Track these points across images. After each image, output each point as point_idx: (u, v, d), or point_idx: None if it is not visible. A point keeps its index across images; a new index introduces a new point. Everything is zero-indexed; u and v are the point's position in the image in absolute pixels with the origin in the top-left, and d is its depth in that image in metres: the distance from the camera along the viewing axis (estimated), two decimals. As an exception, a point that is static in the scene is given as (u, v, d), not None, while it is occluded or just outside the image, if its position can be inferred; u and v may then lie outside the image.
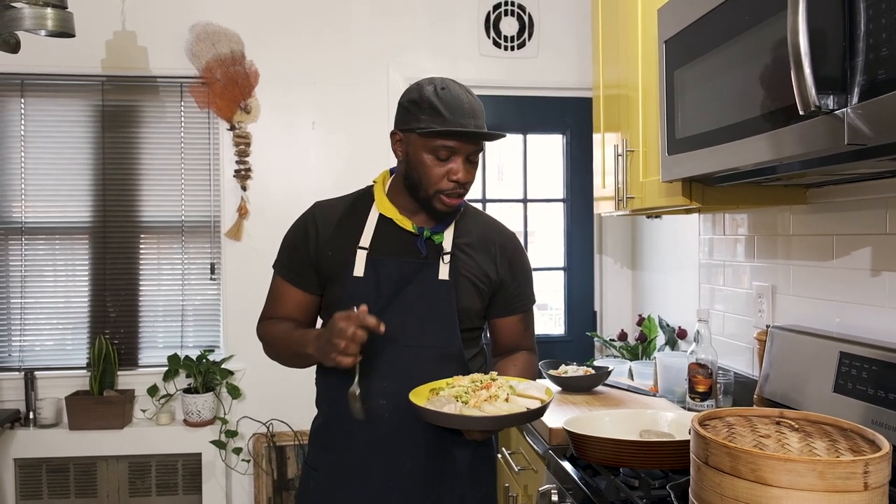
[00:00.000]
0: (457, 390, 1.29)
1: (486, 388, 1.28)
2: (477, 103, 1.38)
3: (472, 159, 1.39)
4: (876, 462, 0.91)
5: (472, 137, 1.35)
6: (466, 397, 1.26)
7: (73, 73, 2.85)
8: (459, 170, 1.36)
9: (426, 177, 1.37)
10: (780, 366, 1.76)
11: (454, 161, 1.36)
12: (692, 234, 2.49)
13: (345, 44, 3.00)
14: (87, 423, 2.75)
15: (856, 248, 1.66)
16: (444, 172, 1.36)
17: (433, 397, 1.30)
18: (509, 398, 1.28)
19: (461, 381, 1.33)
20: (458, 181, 1.37)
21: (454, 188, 1.37)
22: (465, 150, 1.36)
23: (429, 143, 1.35)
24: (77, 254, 2.92)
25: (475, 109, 1.37)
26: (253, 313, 1.59)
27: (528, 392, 1.32)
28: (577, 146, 3.15)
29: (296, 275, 1.48)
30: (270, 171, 2.96)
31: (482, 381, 1.32)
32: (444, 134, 1.33)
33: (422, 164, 1.37)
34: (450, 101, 1.34)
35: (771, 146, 1.19)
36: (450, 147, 1.35)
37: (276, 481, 2.92)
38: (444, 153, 1.35)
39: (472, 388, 1.29)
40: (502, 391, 1.28)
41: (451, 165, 1.36)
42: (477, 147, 1.38)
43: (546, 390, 1.34)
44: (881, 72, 0.93)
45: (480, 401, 1.25)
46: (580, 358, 2.83)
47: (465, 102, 1.36)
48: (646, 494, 1.36)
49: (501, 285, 1.51)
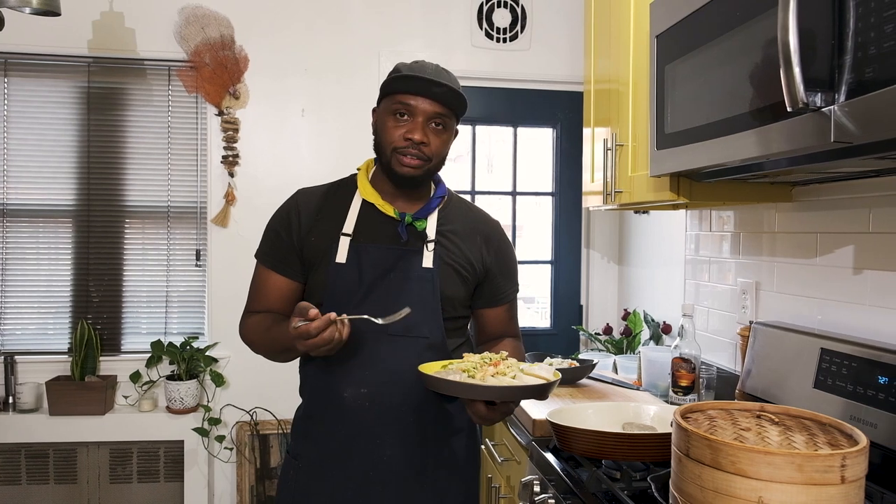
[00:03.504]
0: (466, 364, 1.29)
1: (495, 366, 1.29)
2: (445, 72, 1.40)
3: (435, 125, 1.38)
4: (853, 456, 0.92)
5: (426, 90, 1.35)
6: (474, 372, 1.26)
7: (58, 53, 2.81)
8: (416, 129, 1.36)
9: (385, 137, 1.39)
10: (763, 361, 1.78)
11: (412, 121, 1.37)
12: (679, 230, 2.51)
13: (337, 32, 2.98)
14: (67, 408, 2.72)
15: (839, 247, 1.68)
16: (401, 132, 1.37)
17: (441, 371, 1.30)
18: (517, 377, 1.28)
19: (472, 358, 1.33)
20: (413, 139, 1.36)
21: (408, 146, 1.37)
22: (423, 109, 1.36)
23: (389, 105, 1.38)
24: (60, 237, 2.89)
25: (439, 72, 1.39)
26: (238, 301, 1.58)
27: (536, 372, 1.32)
28: (567, 140, 3.16)
29: (279, 262, 1.47)
30: (259, 157, 2.94)
31: (492, 359, 1.32)
32: (399, 90, 1.35)
33: (383, 127, 1.40)
34: (414, 66, 1.39)
35: (759, 142, 1.20)
36: (405, 104, 1.36)
37: (259, 470, 2.92)
38: (402, 110, 1.36)
39: (481, 363, 1.29)
40: (511, 370, 1.28)
41: (408, 125, 1.37)
42: (435, 109, 1.37)
43: (554, 372, 1.33)
44: (868, 70, 0.94)
45: (486, 375, 1.25)
46: (565, 351, 2.84)
47: (430, 66, 1.39)
48: (627, 486, 1.37)
49: (487, 275, 1.50)
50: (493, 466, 2.12)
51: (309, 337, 1.19)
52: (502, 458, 2.02)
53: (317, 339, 1.20)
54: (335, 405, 1.41)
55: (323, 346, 1.21)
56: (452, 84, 1.38)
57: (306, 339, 1.20)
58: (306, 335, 1.19)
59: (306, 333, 1.19)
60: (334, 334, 1.21)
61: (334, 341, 1.21)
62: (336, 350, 1.25)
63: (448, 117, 1.39)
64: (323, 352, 1.23)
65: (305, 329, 1.19)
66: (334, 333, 1.21)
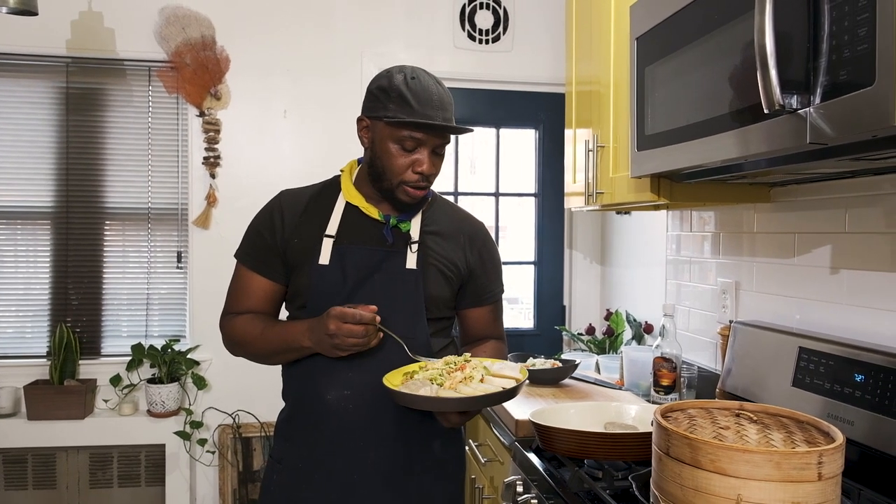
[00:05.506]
0: (431, 373, 1.28)
1: (461, 370, 1.28)
2: (446, 95, 1.37)
3: (439, 151, 1.38)
4: (829, 453, 0.93)
5: (439, 130, 1.34)
6: (441, 379, 1.26)
7: (36, 52, 2.77)
8: (425, 161, 1.35)
9: (391, 167, 1.36)
10: (742, 360, 1.80)
11: (420, 152, 1.35)
12: (660, 231, 2.53)
13: (319, 33, 2.97)
14: (46, 413, 2.69)
15: (816, 247, 1.70)
16: (409, 163, 1.35)
17: (407, 381, 1.29)
18: (484, 379, 1.28)
19: (434, 364, 1.32)
20: (423, 173, 1.35)
21: (418, 180, 1.36)
22: (432, 142, 1.35)
23: (395, 133, 1.34)
24: (38, 239, 2.85)
25: (444, 101, 1.35)
26: (220, 302, 1.56)
27: (502, 372, 1.32)
28: (550, 141, 3.17)
29: (261, 263, 1.46)
30: (241, 159, 2.92)
31: (456, 363, 1.31)
32: (411, 125, 1.32)
33: (387, 154, 1.36)
34: (419, 92, 1.33)
35: (737, 144, 1.21)
36: (416, 138, 1.33)
37: (241, 473, 2.89)
38: (411, 144, 1.34)
39: (446, 370, 1.29)
40: (477, 372, 1.28)
41: (416, 157, 1.35)
42: (444, 140, 1.37)
43: (521, 369, 1.34)
44: (842, 73, 0.95)
45: (456, 382, 1.25)
46: (548, 351, 2.86)
47: (435, 94, 1.34)
48: (609, 485, 1.38)
49: (471, 276, 1.51)
50: (477, 467, 2.13)
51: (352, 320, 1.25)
52: (486, 458, 2.02)
53: (354, 328, 1.25)
54: (318, 408, 1.41)
55: (352, 338, 1.26)
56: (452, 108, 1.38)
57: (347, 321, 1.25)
58: (351, 318, 1.25)
59: (352, 316, 1.25)
60: (369, 334, 1.27)
61: (364, 340, 1.27)
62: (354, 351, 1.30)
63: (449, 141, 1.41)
64: (347, 344, 1.27)
65: (353, 312, 1.25)
66: (369, 333, 1.27)
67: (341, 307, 1.27)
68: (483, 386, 1.26)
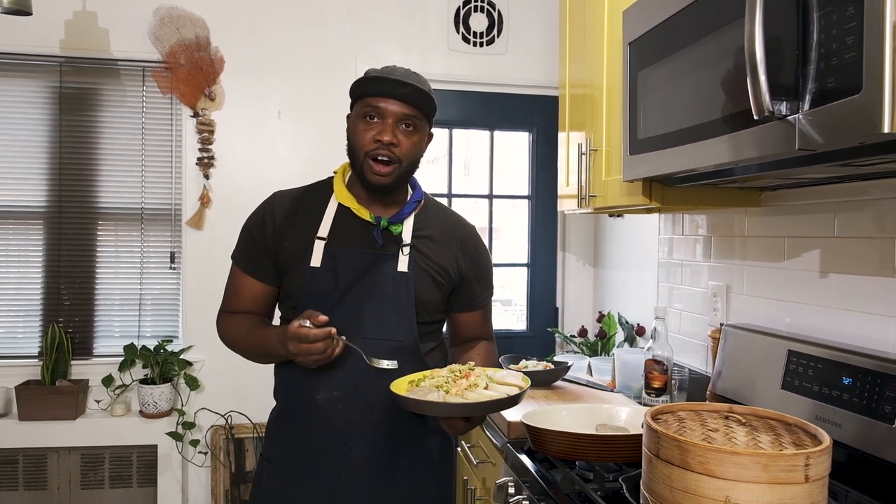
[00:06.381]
0: (437, 380, 1.31)
1: (466, 378, 1.31)
2: (415, 75, 1.41)
3: (405, 126, 1.39)
4: (816, 455, 0.95)
5: (393, 91, 1.36)
6: (447, 387, 1.28)
7: (29, 52, 2.76)
8: (386, 130, 1.37)
9: (356, 140, 1.40)
10: (732, 363, 1.81)
11: (382, 124, 1.38)
12: (652, 234, 2.54)
13: (314, 34, 2.97)
14: (37, 413, 2.68)
15: (806, 251, 1.72)
16: (371, 135, 1.38)
17: (413, 388, 1.31)
18: (489, 386, 1.31)
19: (440, 372, 1.35)
20: (382, 141, 1.37)
21: (378, 148, 1.37)
22: (393, 111, 1.37)
23: (360, 110, 1.39)
24: (31, 239, 2.84)
25: (408, 74, 1.40)
26: (213, 303, 1.57)
27: (505, 380, 1.36)
28: (543, 144, 3.19)
29: (253, 265, 1.47)
30: (235, 159, 2.92)
31: (461, 370, 1.35)
32: (368, 93, 1.37)
33: (354, 131, 1.41)
34: (383, 70, 1.40)
35: (727, 149, 1.22)
36: (374, 106, 1.37)
37: (233, 474, 2.89)
38: (371, 112, 1.37)
39: (451, 377, 1.32)
40: (481, 380, 1.31)
41: (378, 127, 1.38)
42: (404, 110, 1.37)
43: (522, 377, 1.38)
44: (831, 80, 0.96)
45: (461, 389, 1.28)
46: (541, 353, 2.86)
47: (399, 69, 1.40)
48: (600, 487, 1.39)
49: (463, 281, 1.51)
50: (469, 469, 2.13)
51: (306, 341, 1.25)
52: (478, 460, 2.03)
53: (312, 346, 1.25)
54: (308, 407, 1.42)
55: (313, 355, 1.27)
56: (421, 85, 1.39)
57: (302, 341, 1.25)
58: (305, 338, 1.25)
59: (306, 336, 1.25)
60: (328, 347, 1.27)
61: (325, 354, 1.28)
62: (320, 364, 1.30)
63: (418, 119, 1.40)
64: (310, 361, 1.28)
65: (307, 332, 1.25)
66: (328, 346, 1.27)
67: (297, 326, 1.26)
68: (488, 392, 1.29)
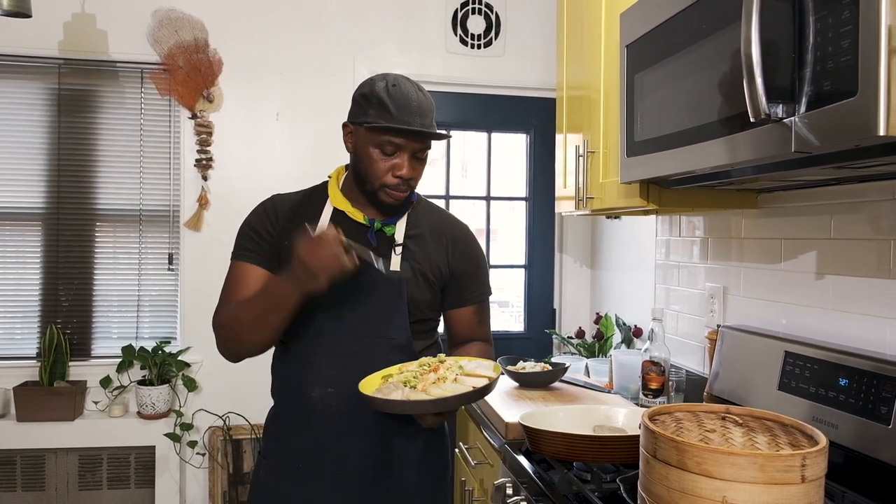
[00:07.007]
0: (405, 375, 1.30)
1: (435, 371, 1.29)
2: (426, 101, 1.40)
3: (419, 156, 1.41)
4: (813, 456, 0.95)
5: (416, 136, 1.37)
6: (415, 382, 1.27)
7: (28, 54, 2.76)
8: (404, 166, 1.38)
9: (371, 170, 1.39)
10: (729, 364, 1.82)
11: (399, 157, 1.38)
12: (650, 235, 2.55)
13: (312, 36, 2.98)
14: (35, 414, 2.68)
15: (802, 252, 1.73)
16: (389, 167, 1.38)
17: (383, 384, 1.30)
18: (458, 379, 1.29)
19: (410, 367, 1.34)
20: (402, 177, 1.38)
21: (398, 184, 1.39)
22: (411, 147, 1.38)
23: (375, 138, 1.37)
24: (29, 240, 2.84)
25: (423, 108, 1.38)
26: (211, 305, 1.56)
27: (476, 371, 1.34)
28: (541, 145, 3.19)
29: (257, 254, 1.46)
30: (233, 161, 2.92)
31: (430, 364, 1.33)
32: (388, 130, 1.35)
33: (368, 158, 1.39)
34: (398, 98, 1.36)
35: (724, 151, 1.23)
36: (395, 143, 1.37)
37: (231, 475, 2.89)
38: (390, 148, 1.37)
39: (420, 372, 1.30)
40: (450, 373, 1.30)
41: (396, 161, 1.38)
42: (423, 145, 1.40)
43: (494, 367, 1.35)
44: (826, 83, 0.97)
45: (428, 384, 1.26)
46: (538, 354, 2.87)
47: (414, 100, 1.37)
48: (597, 488, 1.39)
49: (452, 277, 1.52)
50: (467, 469, 2.14)
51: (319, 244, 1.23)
52: (476, 461, 2.03)
53: (326, 250, 1.22)
54: (303, 405, 1.43)
55: (331, 263, 1.23)
56: (433, 111, 1.40)
57: (316, 246, 1.23)
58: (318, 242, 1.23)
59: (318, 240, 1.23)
60: (343, 256, 1.24)
61: (341, 261, 1.24)
62: (334, 279, 1.26)
63: (429, 145, 1.42)
64: (324, 267, 1.24)
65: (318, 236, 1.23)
66: (343, 255, 1.24)
67: (306, 241, 1.25)
68: (454, 386, 1.27)
